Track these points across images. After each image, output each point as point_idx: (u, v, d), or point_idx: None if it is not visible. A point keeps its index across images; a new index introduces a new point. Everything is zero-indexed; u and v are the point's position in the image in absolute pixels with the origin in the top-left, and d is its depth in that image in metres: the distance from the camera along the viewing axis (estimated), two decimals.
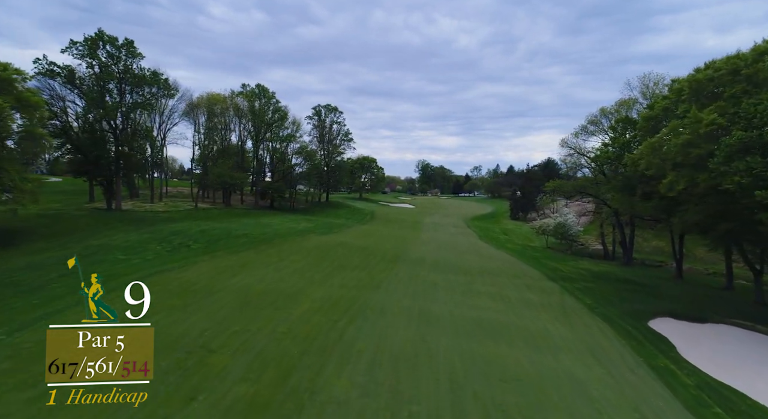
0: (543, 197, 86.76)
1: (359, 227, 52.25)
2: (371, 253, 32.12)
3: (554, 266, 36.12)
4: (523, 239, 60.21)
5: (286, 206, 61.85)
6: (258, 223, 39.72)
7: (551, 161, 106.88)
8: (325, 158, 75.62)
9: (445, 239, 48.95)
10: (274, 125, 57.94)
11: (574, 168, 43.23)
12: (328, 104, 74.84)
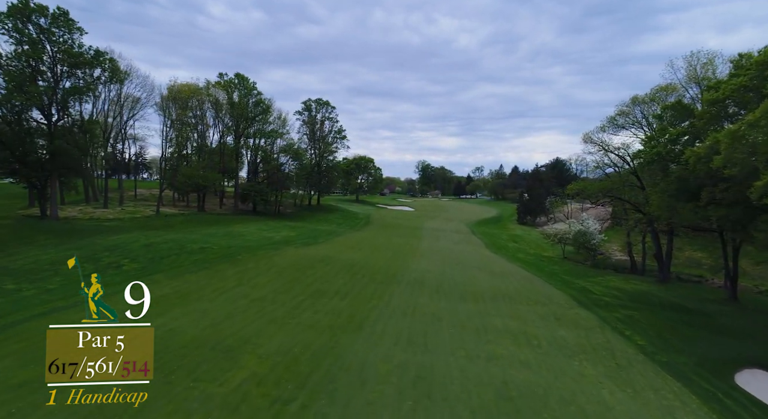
0: (553, 200, 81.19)
1: (351, 234, 46.60)
2: (360, 271, 26.48)
3: (581, 286, 30.48)
4: (535, 248, 54.62)
5: (270, 211, 56.28)
6: (227, 232, 34.10)
7: (560, 161, 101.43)
8: (316, 157, 70.05)
9: (448, 249, 43.34)
10: (256, 120, 52.31)
11: (599, 167, 37.60)
12: (319, 99, 69.39)
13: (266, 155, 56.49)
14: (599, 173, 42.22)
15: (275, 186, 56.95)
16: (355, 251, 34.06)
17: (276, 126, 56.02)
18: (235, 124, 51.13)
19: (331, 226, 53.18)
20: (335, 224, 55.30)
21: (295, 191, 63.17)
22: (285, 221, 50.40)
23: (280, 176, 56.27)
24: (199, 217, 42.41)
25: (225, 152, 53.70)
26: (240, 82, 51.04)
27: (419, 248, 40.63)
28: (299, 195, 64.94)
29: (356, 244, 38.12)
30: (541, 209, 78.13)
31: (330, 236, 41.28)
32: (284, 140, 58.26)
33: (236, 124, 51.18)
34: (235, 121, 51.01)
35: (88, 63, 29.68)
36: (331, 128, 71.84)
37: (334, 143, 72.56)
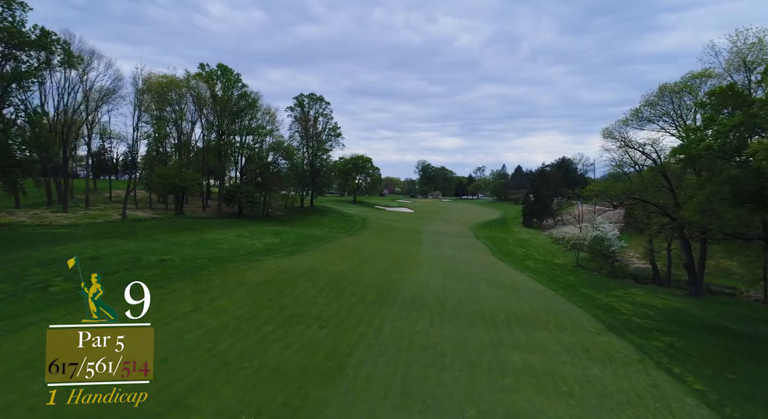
0: (562, 202, 77.42)
1: (343, 240, 42.86)
2: (348, 288, 22.76)
3: (604, 302, 26.75)
4: (544, 254, 50.91)
5: (258, 214, 52.55)
6: (200, 240, 30.38)
7: (566, 160, 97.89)
8: (309, 156, 66.37)
9: (450, 257, 39.62)
10: (241, 115, 48.58)
11: (620, 166, 33.83)
12: (312, 94, 65.75)
13: (253, 154, 52.79)
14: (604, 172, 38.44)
15: (264, 187, 53.25)
16: (345, 261, 30.30)
17: (264, 122, 52.33)
18: (217, 119, 47.43)
19: (323, 230, 49.44)
20: (327, 229, 51.57)
21: (286, 192, 59.47)
22: (272, 225, 46.65)
23: (269, 176, 52.57)
24: (173, 222, 38.66)
25: (209, 150, 50.04)
26: (223, 74, 47.37)
27: (418, 257, 36.90)
28: (290, 197, 61.24)
29: (348, 252, 34.35)
30: (548, 211, 74.42)
31: (319, 243, 37.52)
32: (273, 137, 54.58)
33: (218, 119, 47.48)
34: (217, 116, 47.33)
35: (32, 44, 25.97)
36: (326, 125, 68.25)
37: (329, 140, 68.93)
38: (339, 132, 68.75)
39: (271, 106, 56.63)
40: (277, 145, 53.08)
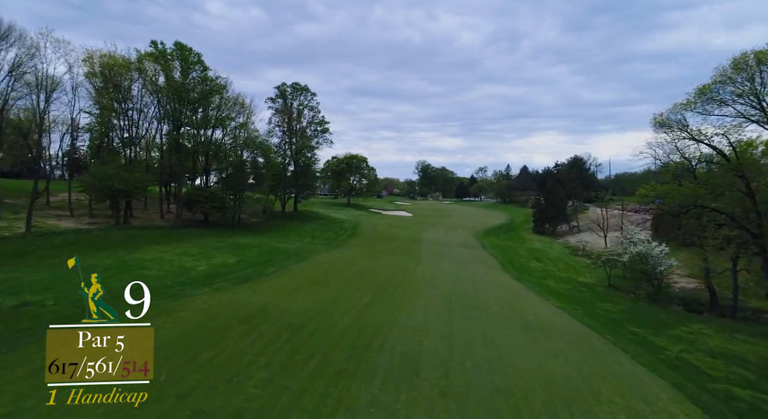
0: (577, 205, 70.17)
1: (324, 255, 35.54)
2: (307, 342, 15.51)
3: (673, 354, 19.48)
4: (565, 269, 43.60)
5: (228, 221, 45.23)
6: (120, 263, 23.13)
7: (579, 159, 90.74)
8: (292, 153, 59.06)
9: (455, 275, 32.38)
10: (203, 103, 41.25)
11: (686, 164, 26.50)
12: (296, 83, 58.51)
13: (222, 151, 45.45)
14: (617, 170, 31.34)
15: (235, 189, 45.98)
16: (316, 291, 22.93)
17: (235, 114, 45.02)
18: (173, 107, 40.10)
19: (302, 242, 42.14)
20: (309, 239, 44.25)
21: (262, 196, 52.00)
22: (238, 236, 39.27)
23: (241, 177, 45.30)
24: (101, 236, 31.12)
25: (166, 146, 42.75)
26: (179, 53, 39.96)
27: (415, 278, 29.60)
28: (267, 200, 53.56)
29: (324, 275, 26.99)
30: (562, 216, 67.16)
31: (289, 261, 30.18)
32: (247, 131, 47.18)
33: (174, 107, 40.14)
34: (172, 104, 40.01)
35: None
36: (312, 119, 60.93)
37: (315, 136, 61.58)
38: (327, 127, 61.57)
39: (245, 95, 49.44)
40: (248, 140, 45.71)
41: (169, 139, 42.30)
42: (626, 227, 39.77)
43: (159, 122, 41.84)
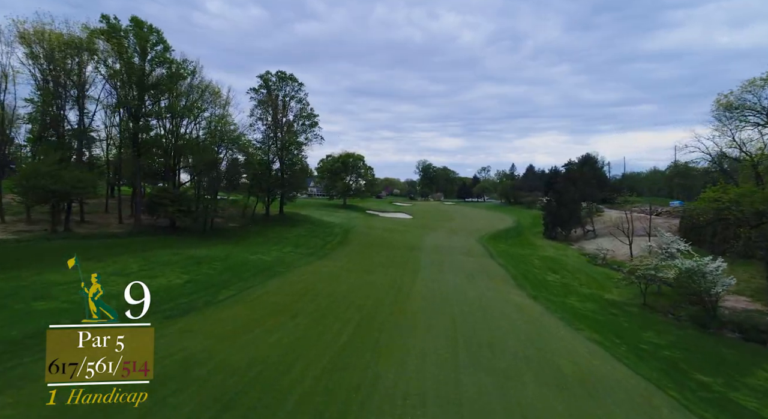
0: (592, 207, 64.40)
1: (302, 269, 29.89)
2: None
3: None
4: (588, 282, 37.92)
5: (199, 227, 39.58)
6: (7, 289, 17.40)
7: (590, 157, 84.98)
8: (278, 150, 53.39)
9: (460, 294, 26.77)
10: (162, 89, 35.54)
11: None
12: (281, 72, 52.77)
13: (188, 145, 39.76)
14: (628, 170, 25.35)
15: (209, 190, 40.40)
16: (276, 324, 17.21)
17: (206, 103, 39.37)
18: (128, 94, 34.41)
19: (282, 251, 36.47)
20: (291, 247, 38.57)
21: (239, 198, 46.16)
22: (204, 245, 33.57)
23: (212, 177, 39.72)
24: (20, 247, 25.29)
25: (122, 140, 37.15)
26: (136, 31, 34.15)
27: (411, 301, 23.91)
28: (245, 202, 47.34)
29: (293, 300, 21.24)
30: (575, 220, 61.36)
31: (255, 280, 24.48)
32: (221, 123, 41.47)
33: (130, 94, 34.48)
34: (127, 89, 34.39)
35: None
36: (299, 113, 55.21)
37: (304, 132, 55.88)
38: (316, 121, 55.78)
39: (221, 83, 43.77)
40: (222, 134, 39.95)
41: (123, 130, 36.48)
42: (660, 234, 33.99)
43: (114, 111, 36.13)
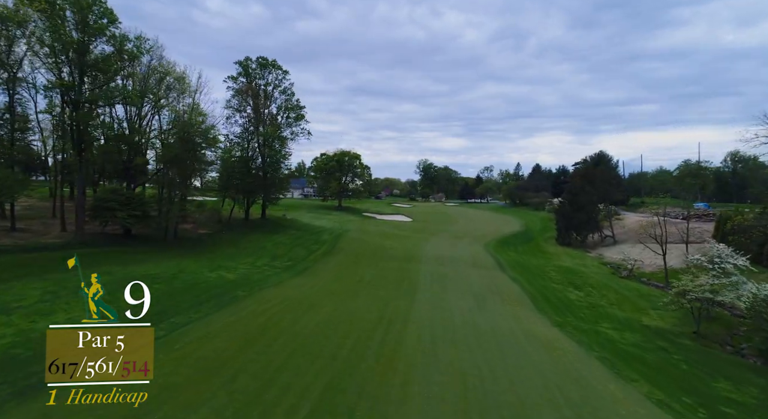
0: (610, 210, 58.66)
1: (274, 290, 24.07)
2: None
3: None
4: (618, 302, 32.18)
5: (160, 234, 33.81)
6: None
7: (604, 155, 79.11)
8: (259, 146, 47.56)
9: (468, 328, 20.97)
10: (101, 68, 29.63)
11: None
12: (262, 57, 46.88)
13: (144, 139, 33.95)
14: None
15: (172, 191, 34.66)
16: (198, 398, 11.48)
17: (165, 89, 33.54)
18: (59, 71, 28.58)
19: (255, 264, 30.69)
20: (266, 259, 32.79)
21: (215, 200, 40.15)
22: (157, 259, 27.65)
23: (177, 174, 33.98)
24: None
25: (62, 129, 31.36)
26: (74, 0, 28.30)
27: (405, 338, 18.05)
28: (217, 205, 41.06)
29: (238, 348, 15.34)
30: (593, 224, 55.49)
31: (201, 311, 18.71)
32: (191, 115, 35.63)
33: (61, 71, 28.68)
34: (62, 69, 28.67)
35: None
36: (284, 104, 49.37)
37: (289, 126, 50.02)
38: (302, 113, 49.87)
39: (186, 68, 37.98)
40: (186, 125, 33.83)
41: (60, 119, 30.56)
42: (709, 243, 28.17)
43: (46, 95, 30.21)
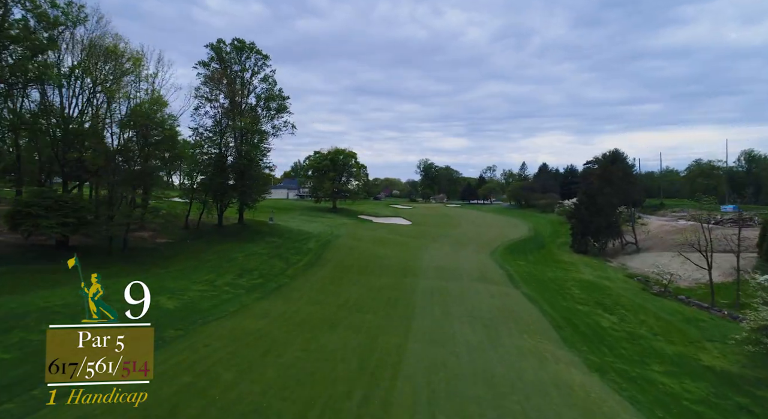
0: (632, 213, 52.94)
1: (223, 322, 18.21)
2: None
3: None
4: (663, 330, 26.25)
5: (107, 244, 28.07)
6: None
7: (619, 154, 73.19)
8: (235, 141, 41.76)
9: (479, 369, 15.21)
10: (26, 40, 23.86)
11: None
12: (238, 39, 41.17)
13: (84, 130, 28.11)
14: None
15: (115, 192, 28.88)
16: None
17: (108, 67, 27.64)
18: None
19: (213, 284, 24.87)
20: (231, 276, 27.01)
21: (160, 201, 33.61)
22: (74, 280, 22.34)
23: (114, 175, 28.04)
24: None
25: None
26: None
27: (395, 398, 12.32)
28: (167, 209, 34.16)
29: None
30: (613, 229, 49.70)
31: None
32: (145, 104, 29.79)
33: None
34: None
35: None
36: (264, 94, 43.56)
37: (269, 119, 44.20)
38: (286, 104, 43.80)
39: (144, 48, 32.04)
40: (134, 115, 27.69)
41: None
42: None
43: None
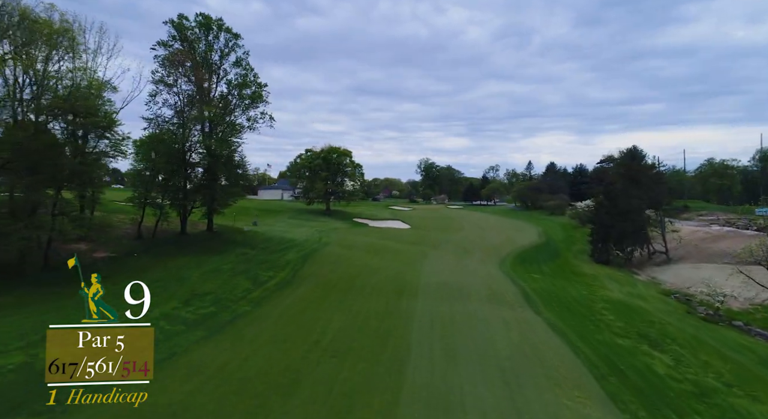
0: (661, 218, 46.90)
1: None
2: None
3: None
4: (730, 374, 19.66)
5: (25, 262, 22.10)
6: None
7: (637, 151, 67.16)
8: (201, 134, 35.84)
9: None
10: None
11: None
12: (203, 14, 35.23)
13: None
14: None
15: (29, 197, 22.98)
16: None
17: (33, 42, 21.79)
18: None
19: (148, 315, 19.19)
20: (173, 304, 20.95)
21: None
22: None
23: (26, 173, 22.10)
24: None
25: None
26: None
27: None
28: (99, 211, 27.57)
29: None
30: (641, 236, 43.61)
31: None
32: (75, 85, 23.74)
33: None
34: None
35: None
36: (237, 80, 37.50)
37: (246, 109, 38.21)
38: (262, 92, 37.46)
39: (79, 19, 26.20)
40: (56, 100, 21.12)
41: None
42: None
43: None
